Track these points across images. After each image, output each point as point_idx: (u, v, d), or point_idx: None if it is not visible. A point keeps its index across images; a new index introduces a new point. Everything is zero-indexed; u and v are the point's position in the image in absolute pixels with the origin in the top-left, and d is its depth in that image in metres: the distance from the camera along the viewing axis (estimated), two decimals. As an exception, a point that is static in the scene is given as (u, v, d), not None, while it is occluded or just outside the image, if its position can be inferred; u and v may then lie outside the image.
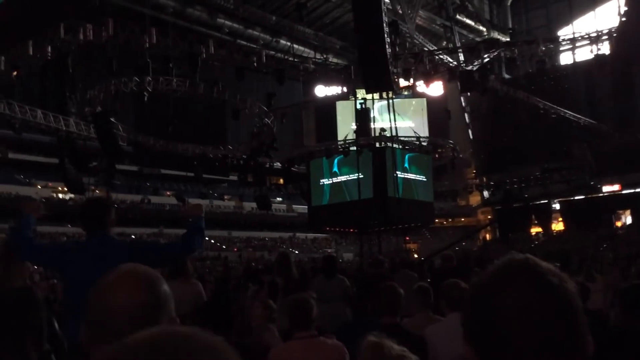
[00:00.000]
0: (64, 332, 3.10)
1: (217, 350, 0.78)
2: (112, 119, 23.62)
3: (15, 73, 20.41)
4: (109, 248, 3.32)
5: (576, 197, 37.91)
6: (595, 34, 24.87)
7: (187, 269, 5.59)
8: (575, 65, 30.85)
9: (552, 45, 25.74)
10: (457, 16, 41.90)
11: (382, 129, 26.71)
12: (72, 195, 39.29)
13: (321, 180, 27.86)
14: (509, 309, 1.00)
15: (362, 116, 25.69)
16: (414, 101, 37.82)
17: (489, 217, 45.77)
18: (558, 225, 41.74)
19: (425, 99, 37.65)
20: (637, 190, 35.76)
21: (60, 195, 43.48)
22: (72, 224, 38.56)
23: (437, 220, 36.67)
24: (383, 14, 19.46)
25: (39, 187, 44.09)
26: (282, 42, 39.76)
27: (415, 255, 32.77)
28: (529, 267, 1.04)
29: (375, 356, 2.10)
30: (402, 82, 27.15)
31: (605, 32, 24.81)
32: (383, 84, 20.83)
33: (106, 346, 1.38)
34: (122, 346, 0.80)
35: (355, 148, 26.11)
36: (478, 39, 39.14)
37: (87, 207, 3.52)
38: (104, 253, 3.24)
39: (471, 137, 44.05)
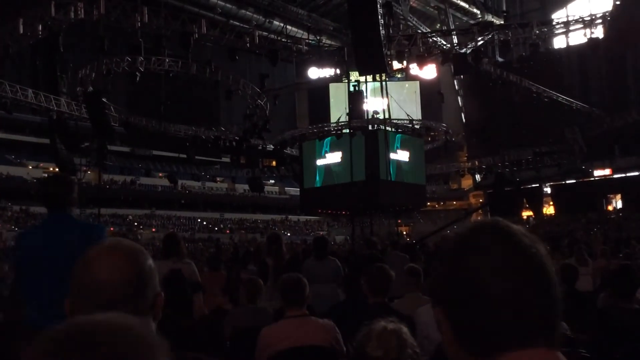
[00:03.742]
0: (25, 317, 2.99)
1: (154, 346, 0.78)
2: (103, 99, 23.47)
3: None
4: (66, 229, 3.15)
5: (567, 181, 38.10)
6: (589, 18, 24.83)
7: (180, 249, 5.56)
8: (569, 48, 30.82)
9: (545, 29, 25.68)
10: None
11: (375, 112, 26.69)
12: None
13: (314, 163, 27.86)
14: (480, 268, 0.99)
15: (355, 98, 25.63)
16: (407, 84, 37.75)
17: (481, 200, 45.94)
18: (549, 209, 41.96)
19: (418, 82, 37.60)
20: (628, 174, 35.95)
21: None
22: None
23: (428, 204, 36.78)
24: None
25: (30, 167, 43.86)
26: (275, 23, 39.50)
27: (407, 238, 32.89)
28: (499, 228, 1.04)
29: (396, 342, 2.09)
30: (396, 65, 27.09)
31: (599, 15, 24.77)
32: (376, 66, 20.81)
33: None
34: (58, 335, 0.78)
35: (348, 130, 26.09)
36: (472, 22, 39.01)
37: (46, 185, 3.38)
38: (60, 234, 3.09)
39: (464, 120, 44.06)
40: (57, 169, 35.51)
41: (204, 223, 47.35)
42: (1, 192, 38.87)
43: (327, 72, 34.60)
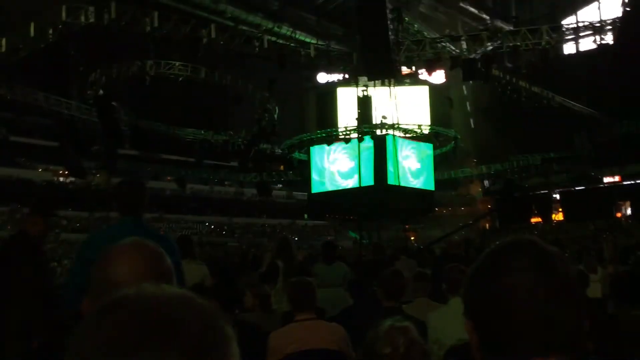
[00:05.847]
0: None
1: (216, 317, 0.76)
2: (113, 103, 23.60)
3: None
4: (136, 234, 3.04)
5: (576, 188, 37.92)
6: (598, 24, 24.75)
7: (194, 251, 5.58)
8: (579, 54, 30.71)
9: (555, 35, 25.63)
10: (461, 4, 41.67)
11: (384, 117, 26.66)
12: (73, 179, 39.31)
13: (321, 167, 27.86)
14: (512, 288, 1.02)
15: (364, 103, 25.62)
16: (415, 89, 37.67)
17: (489, 206, 45.77)
18: (558, 216, 41.75)
19: (427, 87, 37.48)
20: (638, 181, 35.74)
21: (61, 179, 43.47)
22: (73, 208, 38.59)
23: (436, 209, 36.68)
24: (386, 0, 19.38)
25: (40, 170, 44.03)
26: (284, 28, 39.57)
27: (415, 244, 32.80)
28: (534, 248, 1.06)
29: (403, 339, 2.10)
30: (404, 70, 27.07)
31: (609, 21, 24.70)
32: (385, 71, 20.84)
33: None
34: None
35: (356, 135, 26.08)
36: (481, 27, 38.97)
37: (120, 190, 3.33)
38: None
39: (472, 126, 43.95)
40: (66, 172, 35.72)
41: (212, 227, 47.40)
42: (11, 194, 39.06)
43: (336, 77, 34.60)
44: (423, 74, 31.01)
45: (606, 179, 36.72)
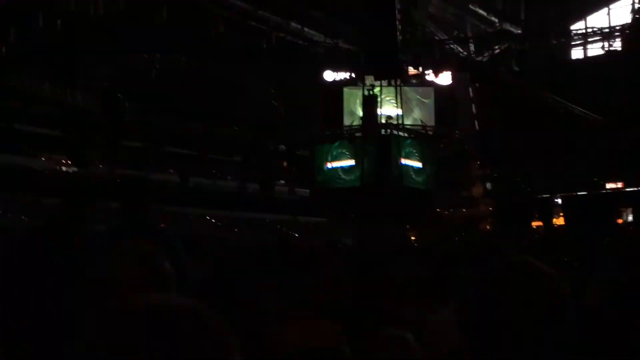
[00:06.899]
0: None
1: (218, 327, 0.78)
2: (118, 95, 23.65)
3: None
4: (139, 232, 3.10)
5: (579, 193, 37.82)
6: (608, 30, 24.73)
7: (200, 249, 5.60)
8: (587, 60, 30.63)
9: (563, 40, 25.60)
10: (470, 6, 41.56)
11: (389, 117, 26.66)
12: (75, 169, 39.33)
13: (325, 165, 27.89)
14: (504, 304, 1.09)
15: (369, 103, 25.63)
16: (421, 90, 37.62)
17: (491, 208, 45.68)
18: (559, 220, 41.67)
19: (433, 88, 37.41)
20: (640, 188, 35.66)
21: (64, 168, 43.44)
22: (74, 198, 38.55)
23: (438, 210, 36.62)
24: (395, 1, 19.37)
25: (43, 159, 43.98)
26: (293, 24, 39.50)
27: (415, 244, 32.79)
28: (527, 268, 1.14)
29: (400, 349, 2.11)
30: (411, 70, 27.06)
31: (618, 28, 24.66)
32: (392, 72, 20.85)
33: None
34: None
35: (360, 134, 26.10)
36: (489, 30, 38.87)
37: (125, 187, 3.33)
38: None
39: (477, 128, 43.86)
40: (69, 162, 35.78)
41: (213, 221, 47.38)
42: (14, 183, 39.06)
43: (343, 75, 34.56)
44: (430, 75, 30.94)
45: (609, 185, 36.63)
